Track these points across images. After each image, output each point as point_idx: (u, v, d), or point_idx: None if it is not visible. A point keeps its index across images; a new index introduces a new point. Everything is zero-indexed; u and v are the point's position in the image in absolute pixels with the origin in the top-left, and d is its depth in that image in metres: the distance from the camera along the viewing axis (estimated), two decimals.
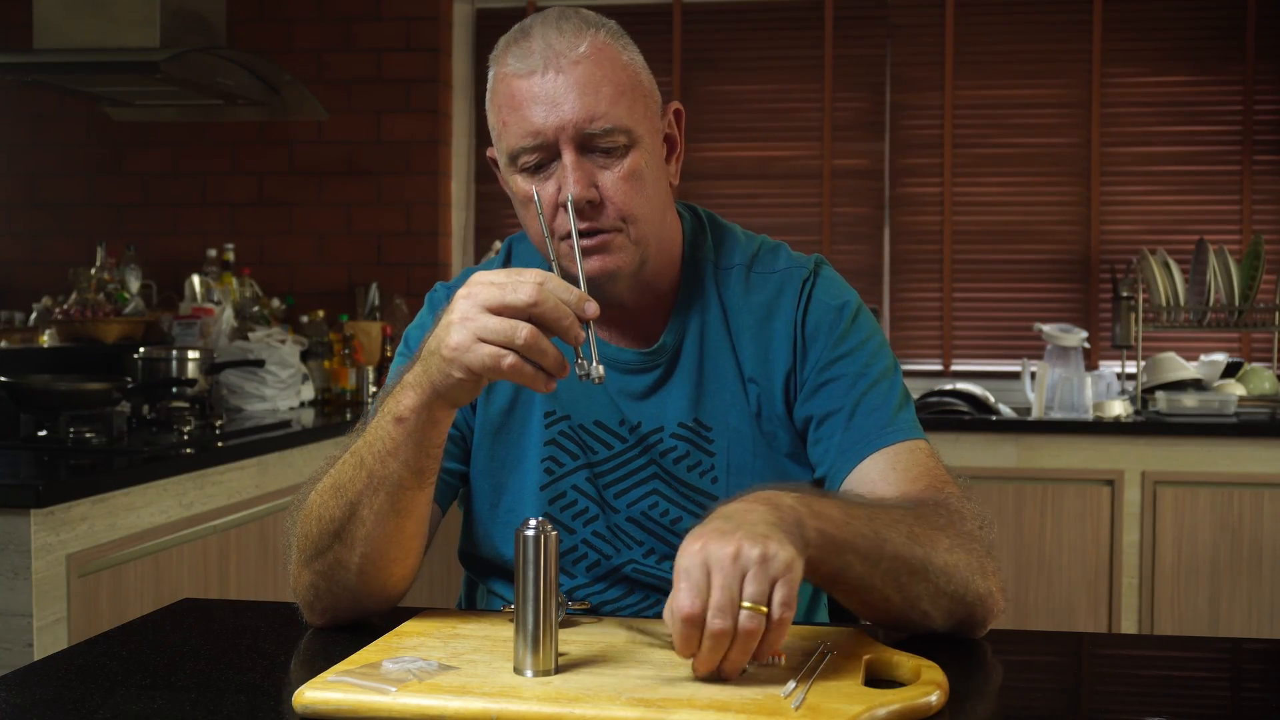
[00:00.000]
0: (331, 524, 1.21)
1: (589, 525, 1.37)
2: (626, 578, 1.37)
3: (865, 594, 1.14)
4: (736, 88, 4.29)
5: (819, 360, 1.36)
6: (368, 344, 4.04)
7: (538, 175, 1.28)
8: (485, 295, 1.09)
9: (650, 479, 1.37)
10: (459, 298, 1.10)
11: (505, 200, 4.43)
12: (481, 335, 1.08)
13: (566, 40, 1.27)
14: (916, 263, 4.23)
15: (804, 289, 1.39)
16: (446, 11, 4.35)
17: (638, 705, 0.97)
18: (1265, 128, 4.08)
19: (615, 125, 1.26)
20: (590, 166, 1.27)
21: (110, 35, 3.20)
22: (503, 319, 1.07)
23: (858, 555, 1.10)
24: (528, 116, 1.26)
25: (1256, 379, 3.78)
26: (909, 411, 1.35)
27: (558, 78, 1.26)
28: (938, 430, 3.49)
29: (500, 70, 1.30)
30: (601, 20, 1.31)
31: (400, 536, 1.22)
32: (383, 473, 1.18)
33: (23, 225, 4.48)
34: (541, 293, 1.07)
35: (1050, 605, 3.54)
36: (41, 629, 2.21)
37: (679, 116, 1.39)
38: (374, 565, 1.22)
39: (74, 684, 1.09)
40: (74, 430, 2.78)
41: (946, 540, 1.18)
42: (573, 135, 1.26)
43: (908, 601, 1.16)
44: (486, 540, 1.40)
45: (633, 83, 1.30)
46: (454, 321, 1.09)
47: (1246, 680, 1.27)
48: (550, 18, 1.29)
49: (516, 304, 1.07)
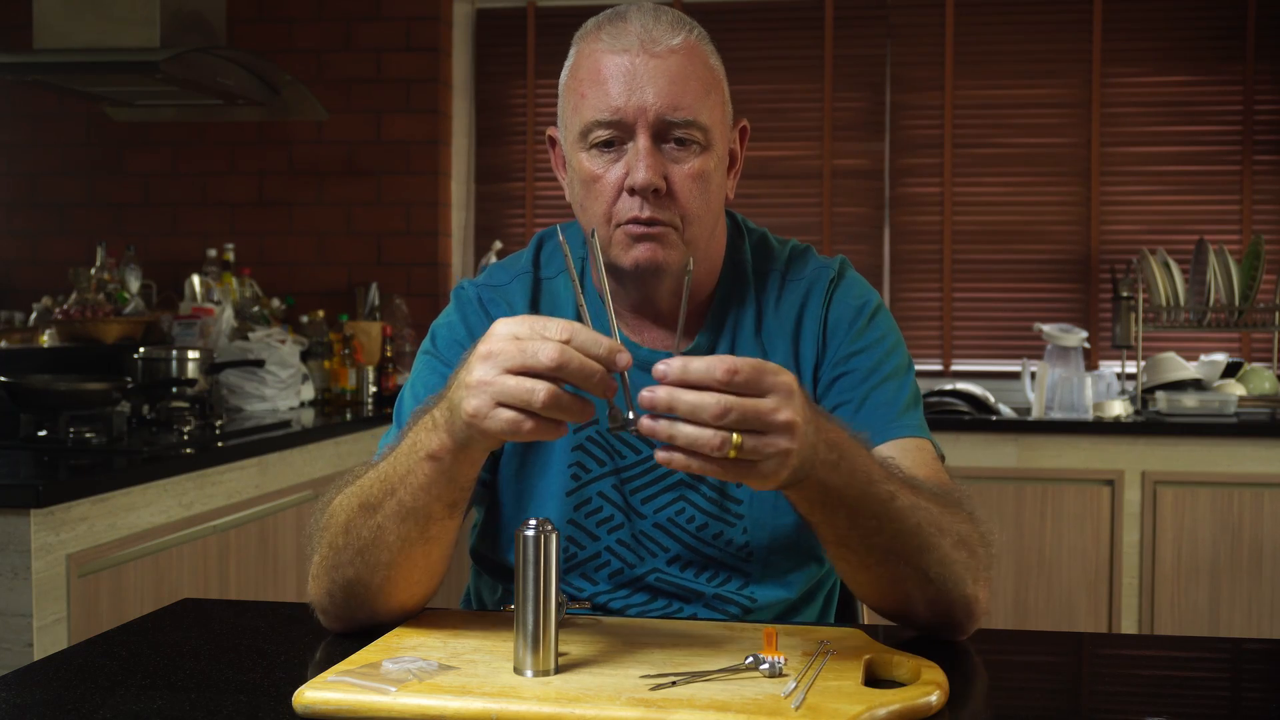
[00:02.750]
0: (357, 540, 1.19)
1: (613, 533, 1.36)
2: (649, 585, 1.37)
3: (860, 548, 1.15)
4: (736, 87, 4.23)
5: (836, 355, 1.38)
6: (368, 344, 4.04)
7: (605, 155, 1.28)
8: (505, 358, 1.02)
9: (677, 485, 1.36)
10: (478, 357, 1.04)
11: (505, 200, 4.43)
12: (500, 400, 1.02)
13: (663, 29, 1.28)
14: (916, 263, 4.23)
15: (829, 289, 1.40)
16: (446, 11, 4.35)
17: (638, 705, 0.97)
18: (1265, 128, 4.08)
19: (696, 120, 1.27)
20: (661, 157, 1.27)
21: (110, 35, 3.20)
22: (521, 381, 1.01)
23: (862, 492, 1.11)
24: (610, 92, 1.26)
25: (1256, 379, 3.78)
26: (917, 412, 1.36)
27: (650, 61, 1.26)
28: (938, 430, 3.46)
29: (590, 45, 1.30)
30: (695, 24, 1.33)
31: (426, 561, 1.20)
32: (413, 504, 1.15)
33: (23, 225, 4.49)
34: (565, 355, 1.00)
35: (1050, 605, 3.54)
36: (41, 629, 2.21)
37: (744, 134, 1.40)
38: (395, 586, 1.21)
39: (74, 684, 1.09)
40: (74, 430, 2.78)
41: (955, 533, 1.18)
42: (652, 120, 1.26)
43: (898, 571, 1.16)
44: (506, 547, 1.39)
45: (717, 87, 1.32)
46: (473, 385, 1.04)
47: (1246, 680, 1.27)
48: (647, 8, 1.31)
49: (537, 368, 1.01)
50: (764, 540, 1.35)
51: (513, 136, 4.44)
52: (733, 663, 1.08)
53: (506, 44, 4.42)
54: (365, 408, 3.85)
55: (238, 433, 3.06)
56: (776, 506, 1.34)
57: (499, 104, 4.45)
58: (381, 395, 3.95)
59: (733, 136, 1.38)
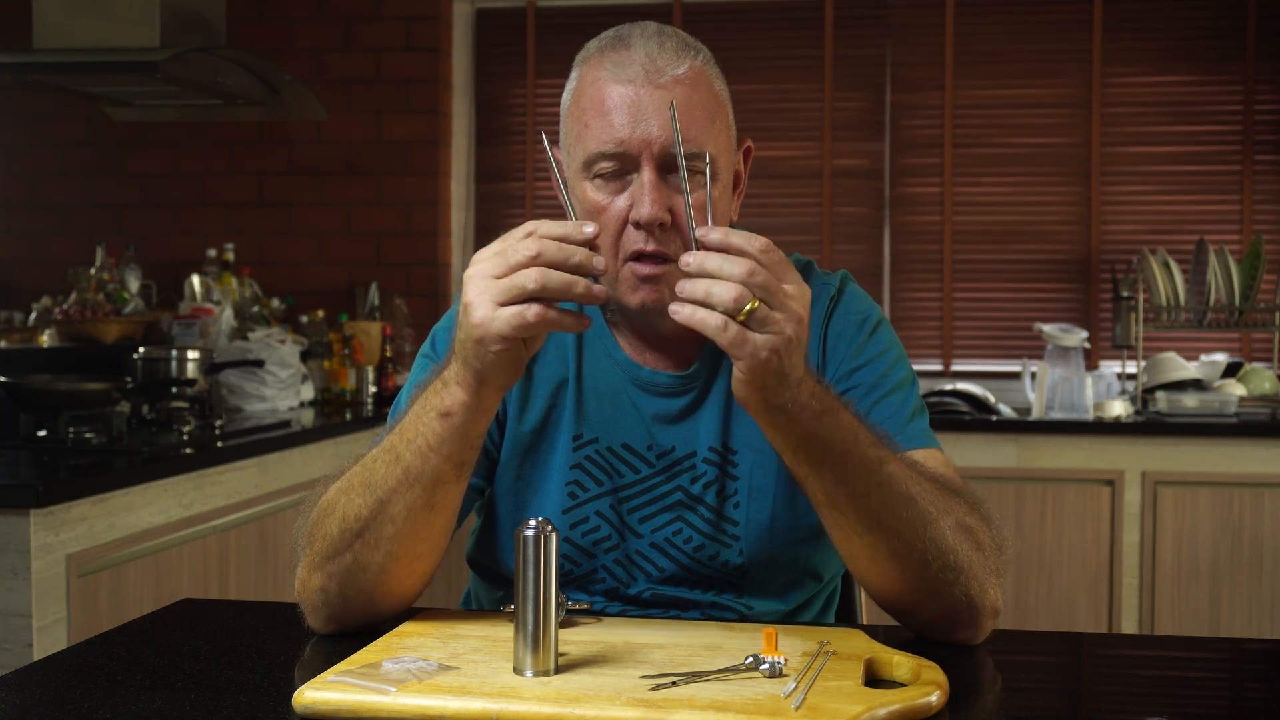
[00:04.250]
0: (356, 522, 1.19)
1: (609, 553, 1.36)
2: (644, 600, 1.36)
3: (849, 510, 1.15)
4: (736, 87, 4.21)
5: (838, 371, 1.37)
6: (367, 344, 4.04)
7: (609, 185, 1.26)
8: (489, 267, 1.09)
9: (675, 505, 1.35)
10: (467, 279, 1.11)
11: (505, 200, 4.43)
12: (499, 300, 1.08)
13: (668, 57, 1.26)
14: (916, 263, 4.23)
15: (830, 307, 1.40)
16: (446, 11, 4.35)
17: (638, 705, 0.97)
18: (1265, 128, 4.08)
19: (701, 151, 1.26)
20: (667, 189, 1.25)
21: (110, 35, 3.20)
22: (512, 277, 1.08)
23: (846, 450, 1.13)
24: (614, 124, 1.25)
25: (1257, 379, 3.78)
26: (922, 421, 1.35)
27: (654, 92, 1.25)
28: (938, 430, 3.46)
29: (593, 73, 1.28)
30: (700, 46, 1.31)
31: (430, 531, 1.21)
32: (421, 468, 1.16)
33: (23, 225, 4.49)
34: (541, 244, 1.08)
35: (1050, 605, 3.54)
36: (41, 629, 2.21)
37: (748, 155, 1.39)
38: (396, 563, 1.21)
39: (74, 684, 1.09)
40: (74, 430, 2.78)
41: (956, 519, 1.18)
42: (657, 153, 1.24)
43: (893, 545, 1.16)
44: (503, 557, 1.39)
45: (722, 114, 1.30)
46: (470, 301, 1.10)
47: (1246, 680, 1.27)
48: (650, 31, 1.29)
49: (520, 263, 1.08)
50: (760, 561, 1.35)
51: (513, 136, 4.44)
52: (733, 663, 1.08)
53: (506, 44, 4.42)
54: (365, 408, 3.85)
55: (237, 433, 3.06)
56: (772, 529, 1.34)
57: (499, 104, 4.45)
58: (381, 395, 3.95)
59: (737, 158, 1.36)
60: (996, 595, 1.21)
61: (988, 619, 1.21)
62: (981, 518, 1.23)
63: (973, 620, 1.21)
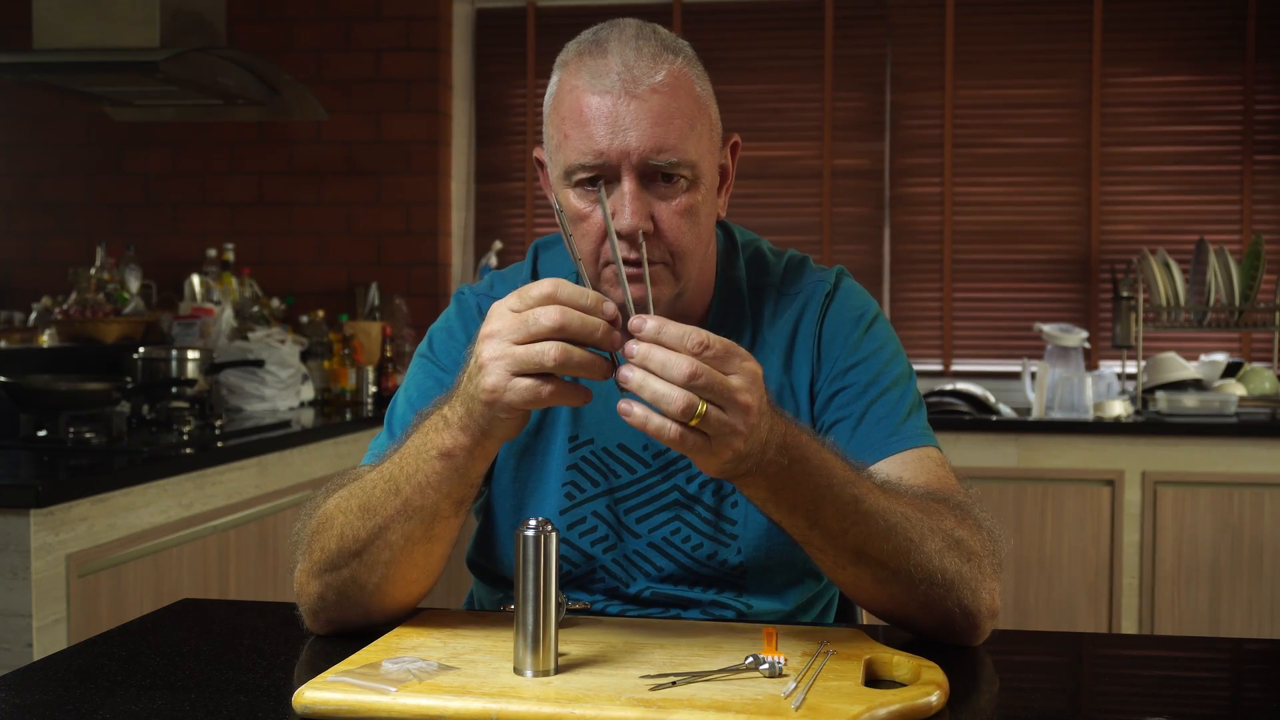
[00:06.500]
0: (354, 543, 1.19)
1: (608, 552, 1.36)
2: (643, 600, 1.37)
3: (827, 549, 1.15)
4: (736, 87, 4.29)
5: (833, 368, 1.36)
6: (367, 344, 4.04)
7: (590, 193, 1.25)
8: (509, 331, 1.05)
9: (672, 505, 1.35)
10: (483, 337, 1.07)
11: (505, 200, 4.44)
12: (515, 370, 1.04)
13: (645, 64, 1.23)
14: (916, 263, 4.23)
15: (825, 302, 1.39)
16: (446, 11, 4.35)
17: (638, 705, 0.97)
18: (1265, 128, 4.08)
19: (681, 160, 1.23)
20: (648, 196, 1.24)
21: (110, 35, 3.20)
22: (530, 347, 1.04)
23: (826, 489, 1.11)
24: (593, 135, 1.22)
25: (1257, 379, 3.78)
26: (919, 418, 1.35)
27: (631, 103, 1.22)
28: (938, 430, 3.47)
29: (571, 81, 1.26)
30: (679, 45, 1.28)
31: (427, 560, 1.20)
32: (419, 502, 1.15)
33: (23, 225, 4.48)
34: (565, 315, 1.03)
35: (1050, 605, 3.54)
36: (41, 629, 2.21)
37: (735, 149, 1.37)
38: (392, 585, 1.21)
39: (74, 684, 1.09)
40: (74, 430, 2.78)
41: (943, 538, 1.18)
42: (636, 163, 1.22)
43: (877, 574, 1.16)
44: (502, 559, 1.39)
45: (703, 116, 1.27)
46: (485, 364, 1.06)
47: (1246, 680, 1.27)
48: (628, 35, 1.25)
49: (542, 332, 1.04)
50: (759, 560, 1.35)
51: (513, 136, 4.44)
52: (733, 663, 1.08)
53: (506, 44, 4.42)
54: (365, 408, 3.85)
55: (237, 433, 3.06)
56: (770, 528, 1.33)
57: (499, 104, 4.45)
58: (381, 395, 3.96)
59: (723, 154, 1.34)
60: (992, 598, 1.21)
61: (986, 621, 1.22)
62: (971, 523, 1.22)
63: (970, 626, 1.21)
